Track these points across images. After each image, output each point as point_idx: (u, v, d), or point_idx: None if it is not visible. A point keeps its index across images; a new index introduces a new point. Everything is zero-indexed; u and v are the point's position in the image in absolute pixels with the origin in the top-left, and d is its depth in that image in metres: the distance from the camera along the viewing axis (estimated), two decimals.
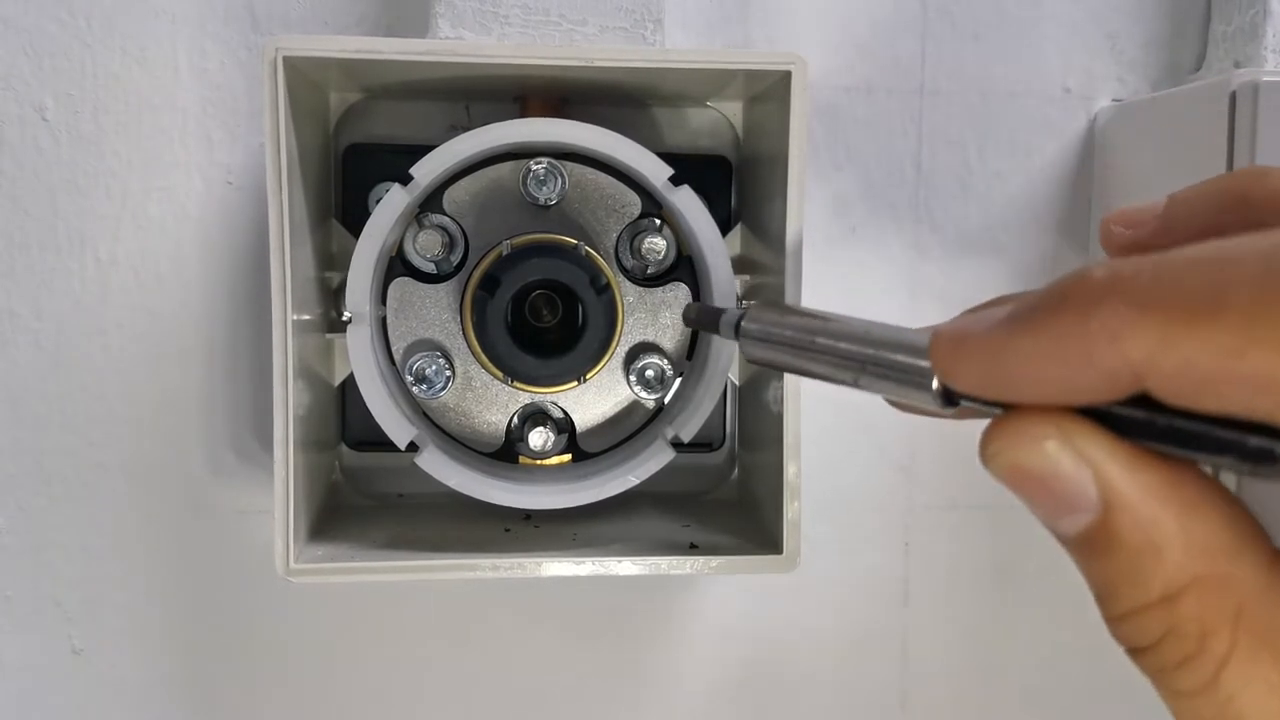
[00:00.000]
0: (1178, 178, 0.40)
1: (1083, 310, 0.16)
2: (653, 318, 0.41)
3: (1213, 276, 0.15)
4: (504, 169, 0.39)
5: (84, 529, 0.43)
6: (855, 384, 0.23)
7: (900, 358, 0.21)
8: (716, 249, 0.37)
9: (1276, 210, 0.21)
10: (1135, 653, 0.18)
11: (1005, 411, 0.18)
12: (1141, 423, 0.17)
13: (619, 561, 0.37)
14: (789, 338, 0.26)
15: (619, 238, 0.40)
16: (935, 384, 0.20)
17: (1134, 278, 0.16)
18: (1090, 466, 0.17)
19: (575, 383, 0.40)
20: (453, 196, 0.39)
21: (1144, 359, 0.16)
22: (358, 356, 0.36)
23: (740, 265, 0.41)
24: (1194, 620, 0.17)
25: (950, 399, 0.20)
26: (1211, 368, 0.15)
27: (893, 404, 0.22)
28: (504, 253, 0.39)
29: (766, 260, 0.39)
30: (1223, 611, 0.16)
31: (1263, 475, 0.16)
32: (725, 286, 0.38)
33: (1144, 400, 0.17)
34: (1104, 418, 0.18)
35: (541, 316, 0.40)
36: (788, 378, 0.36)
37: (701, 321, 0.34)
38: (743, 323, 0.28)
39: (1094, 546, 0.18)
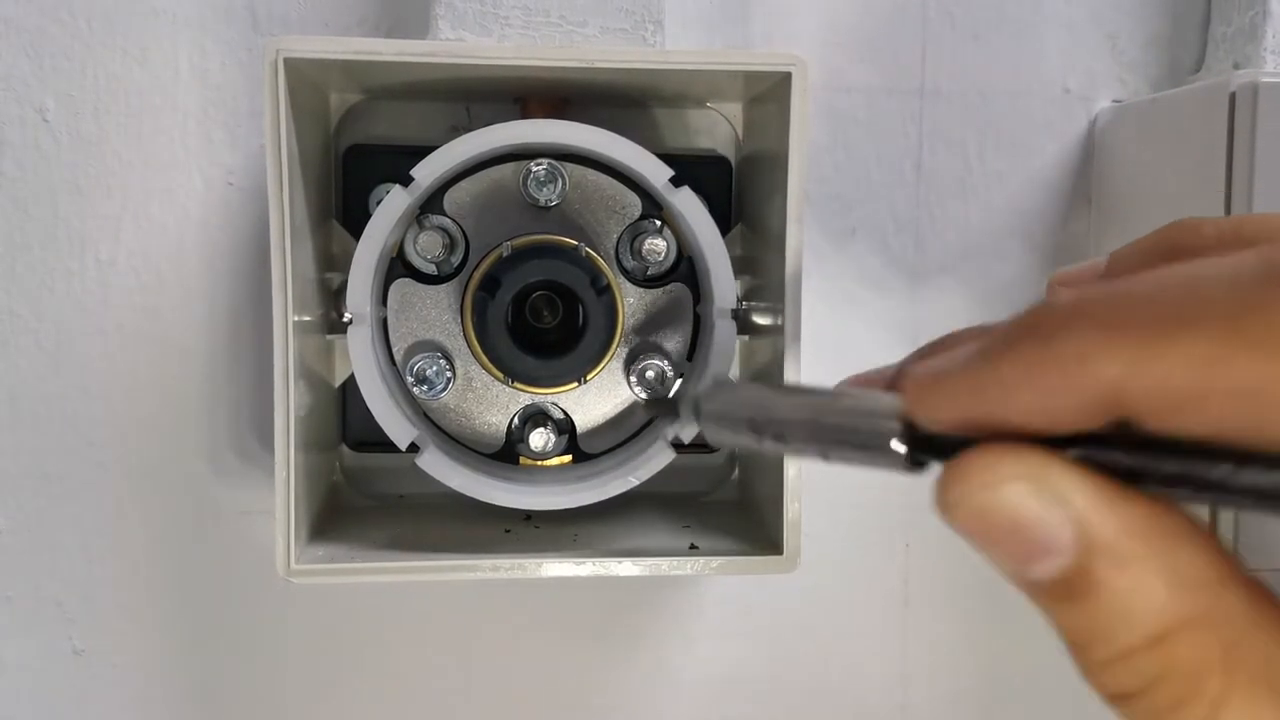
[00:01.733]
0: (1178, 178, 0.40)
1: (1049, 335, 0.16)
2: (653, 319, 0.41)
3: (1183, 291, 0.15)
4: (504, 170, 0.39)
5: (84, 529, 0.43)
6: (825, 458, 0.22)
7: (861, 422, 0.20)
8: (716, 249, 0.37)
9: (1209, 254, 0.21)
10: (1120, 699, 0.17)
11: (959, 456, 0.17)
12: (1109, 460, 0.16)
13: (619, 562, 0.37)
14: (747, 416, 0.24)
15: (619, 239, 0.40)
16: (900, 447, 0.19)
17: (1098, 301, 0.16)
18: (1063, 506, 0.16)
19: (576, 384, 0.40)
20: (453, 198, 0.39)
21: (1117, 380, 0.15)
22: (358, 357, 0.36)
23: (740, 265, 0.41)
24: (1186, 660, 0.16)
25: (915, 461, 0.19)
26: (1189, 382, 0.15)
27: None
28: (504, 254, 0.39)
29: (766, 260, 0.39)
30: (1216, 649, 0.16)
31: (1230, 505, 0.15)
32: (725, 287, 0.38)
33: (1111, 438, 0.16)
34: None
35: (542, 317, 0.40)
36: (786, 374, 0.36)
37: (659, 410, 0.36)
38: (701, 404, 0.26)
39: (1069, 592, 0.17)
